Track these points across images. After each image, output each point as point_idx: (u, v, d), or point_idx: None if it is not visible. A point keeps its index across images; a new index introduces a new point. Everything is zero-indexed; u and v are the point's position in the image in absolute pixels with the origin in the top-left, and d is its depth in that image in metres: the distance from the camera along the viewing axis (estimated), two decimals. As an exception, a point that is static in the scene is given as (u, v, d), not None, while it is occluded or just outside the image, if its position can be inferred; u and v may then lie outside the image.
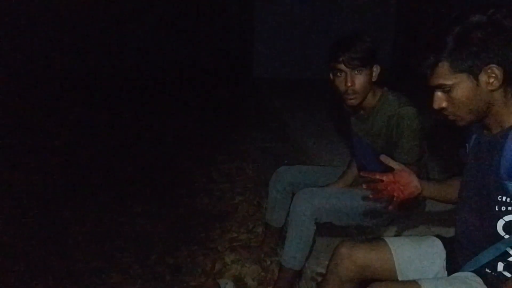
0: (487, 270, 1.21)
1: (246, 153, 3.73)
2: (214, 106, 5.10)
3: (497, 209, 1.17)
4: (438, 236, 1.47)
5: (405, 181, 1.38)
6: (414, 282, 1.22)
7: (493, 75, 1.12)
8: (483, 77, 1.14)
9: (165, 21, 6.68)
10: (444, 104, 1.21)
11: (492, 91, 1.15)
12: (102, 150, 3.80)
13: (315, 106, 4.44)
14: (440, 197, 1.45)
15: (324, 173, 2.22)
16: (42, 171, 3.36)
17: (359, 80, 1.78)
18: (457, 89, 1.16)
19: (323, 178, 2.17)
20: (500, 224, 1.17)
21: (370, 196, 1.38)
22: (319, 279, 1.96)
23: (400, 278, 1.38)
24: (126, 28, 6.56)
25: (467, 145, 1.35)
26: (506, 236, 1.17)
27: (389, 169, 1.39)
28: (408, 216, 2.01)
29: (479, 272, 1.23)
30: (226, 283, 2.16)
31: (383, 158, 1.40)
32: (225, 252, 2.39)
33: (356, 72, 1.77)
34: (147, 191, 3.10)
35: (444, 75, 1.16)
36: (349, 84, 1.77)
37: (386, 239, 1.44)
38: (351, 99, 1.82)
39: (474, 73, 1.14)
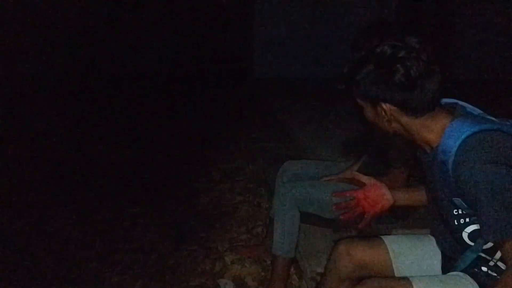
0: (476, 270, 1.22)
1: (246, 153, 3.73)
2: (214, 106, 5.11)
3: (456, 223, 1.19)
4: (434, 235, 1.48)
5: (377, 195, 1.40)
6: (406, 278, 1.23)
7: (382, 110, 1.17)
8: (378, 109, 1.19)
9: (165, 20, 6.70)
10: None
11: (389, 122, 1.18)
12: (102, 150, 3.81)
13: (315, 106, 4.45)
14: (413, 203, 1.48)
15: (328, 167, 2.23)
16: (42, 172, 3.37)
17: None
18: (365, 111, 1.24)
19: (326, 172, 2.18)
20: (465, 236, 1.19)
21: (341, 217, 1.40)
22: (319, 279, 1.96)
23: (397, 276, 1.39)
24: (125, 28, 6.57)
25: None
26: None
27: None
28: (406, 217, 2.00)
29: (469, 272, 1.23)
30: (226, 283, 2.16)
31: (353, 174, 1.44)
32: (225, 252, 2.40)
33: None
34: (147, 191, 3.10)
35: (355, 96, 1.23)
36: None
37: (384, 238, 1.45)
38: None
39: (373, 104, 1.20)
